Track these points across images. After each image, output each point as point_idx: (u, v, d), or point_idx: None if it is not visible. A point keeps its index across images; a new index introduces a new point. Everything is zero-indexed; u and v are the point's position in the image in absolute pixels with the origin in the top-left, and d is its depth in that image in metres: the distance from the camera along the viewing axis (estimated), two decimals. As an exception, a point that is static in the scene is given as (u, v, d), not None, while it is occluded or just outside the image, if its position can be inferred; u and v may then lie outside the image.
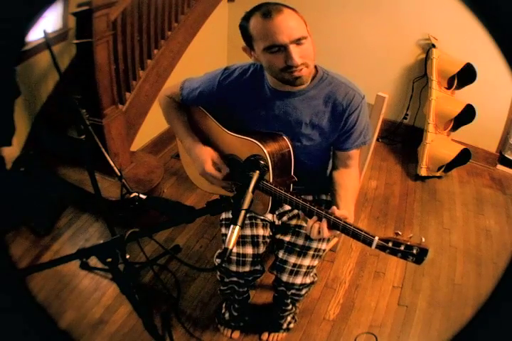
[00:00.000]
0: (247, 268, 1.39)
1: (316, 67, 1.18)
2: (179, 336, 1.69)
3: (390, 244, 0.99)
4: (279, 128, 1.23)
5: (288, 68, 1.05)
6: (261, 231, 1.40)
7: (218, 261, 1.42)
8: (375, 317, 1.83)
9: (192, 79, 1.34)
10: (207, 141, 1.35)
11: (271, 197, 1.22)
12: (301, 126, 1.21)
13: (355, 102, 1.18)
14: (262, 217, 1.42)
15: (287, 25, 1.00)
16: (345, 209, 1.13)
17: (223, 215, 1.46)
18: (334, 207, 1.09)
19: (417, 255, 0.97)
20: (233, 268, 1.38)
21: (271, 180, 1.19)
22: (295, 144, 1.24)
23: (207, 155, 1.27)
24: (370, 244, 1.02)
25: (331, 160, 1.38)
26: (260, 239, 1.40)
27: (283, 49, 1.03)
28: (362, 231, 1.02)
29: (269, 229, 1.44)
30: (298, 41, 1.02)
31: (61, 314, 1.74)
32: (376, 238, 1.01)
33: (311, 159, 1.31)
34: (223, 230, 1.45)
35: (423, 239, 0.98)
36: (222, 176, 1.26)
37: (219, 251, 1.48)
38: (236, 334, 1.71)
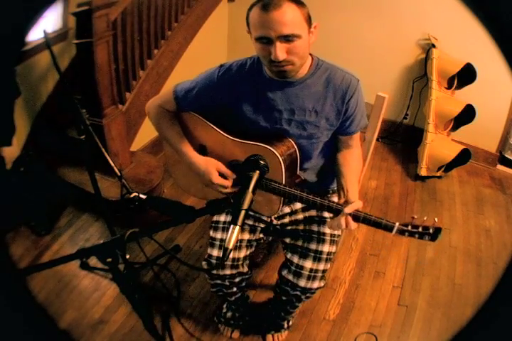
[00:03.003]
0: (227, 271, 1.39)
1: (310, 54, 1.19)
2: (179, 336, 1.69)
3: (409, 227, 1.09)
4: (283, 117, 1.22)
5: (272, 61, 1.08)
6: (246, 236, 1.40)
7: (204, 263, 1.41)
8: (375, 317, 1.83)
9: (184, 82, 1.30)
10: (204, 150, 1.32)
11: (282, 199, 1.23)
12: (305, 114, 1.22)
13: (353, 85, 1.21)
14: (251, 223, 1.41)
15: (279, 21, 1.01)
16: (351, 190, 1.20)
17: (215, 217, 1.44)
18: (346, 200, 1.17)
19: (433, 234, 1.10)
20: (213, 271, 1.39)
21: (283, 182, 1.19)
22: (300, 133, 1.24)
23: (212, 166, 1.25)
24: (391, 229, 1.11)
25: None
26: (243, 243, 1.39)
27: (270, 42, 1.05)
28: (383, 219, 1.11)
29: (258, 233, 1.43)
30: (287, 38, 1.04)
31: (61, 314, 1.74)
32: (397, 224, 1.10)
33: (316, 149, 1.30)
34: (211, 233, 1.42)
35: (436, 220, 1.10)
36: (230, 183, 1.25)
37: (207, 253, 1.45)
38: (236, 334, 1.71)
